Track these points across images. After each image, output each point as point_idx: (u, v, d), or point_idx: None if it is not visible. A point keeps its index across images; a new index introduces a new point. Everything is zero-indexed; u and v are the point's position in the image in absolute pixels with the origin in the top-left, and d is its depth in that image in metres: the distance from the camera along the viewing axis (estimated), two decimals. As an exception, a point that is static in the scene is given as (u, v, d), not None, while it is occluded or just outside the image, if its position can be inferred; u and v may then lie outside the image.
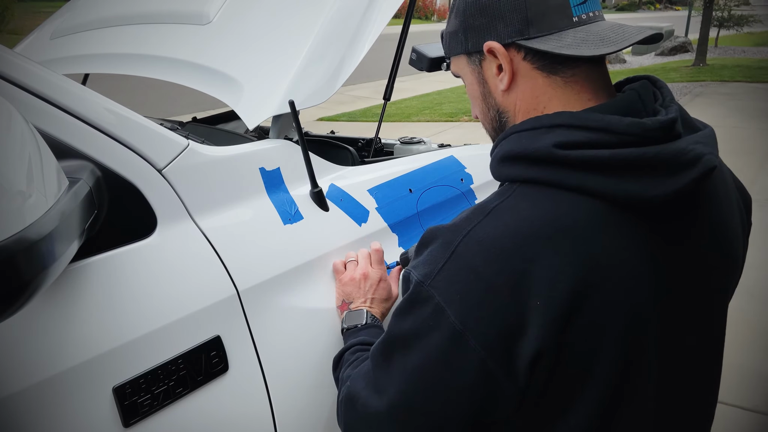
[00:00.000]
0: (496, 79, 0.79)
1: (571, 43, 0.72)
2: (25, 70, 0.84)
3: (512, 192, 0.72)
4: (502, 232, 0.68)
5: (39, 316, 0.77)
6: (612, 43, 0.71)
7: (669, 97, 0.77)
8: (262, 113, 1.20)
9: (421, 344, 0.71)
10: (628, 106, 0.73)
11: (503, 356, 0.67)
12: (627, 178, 0.67)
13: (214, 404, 0.91)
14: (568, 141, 0.69)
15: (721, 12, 14.23)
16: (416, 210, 1.29)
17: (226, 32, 1.38)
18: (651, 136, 0.68)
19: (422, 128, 7.15)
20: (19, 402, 0.73)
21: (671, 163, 0.67)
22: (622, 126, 0.68)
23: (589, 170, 0.68)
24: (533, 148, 0.71)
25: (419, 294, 0.72)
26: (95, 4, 1.76)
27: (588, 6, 0.75)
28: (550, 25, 0.73)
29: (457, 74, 0.88)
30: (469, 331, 0.67)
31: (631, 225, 0.70)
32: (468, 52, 0.82)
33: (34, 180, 0.63)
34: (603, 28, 0.74)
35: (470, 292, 0.68)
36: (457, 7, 0.81)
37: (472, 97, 0.86)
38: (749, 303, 3.06)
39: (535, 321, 0.66)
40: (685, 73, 10.82)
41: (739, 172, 3.84)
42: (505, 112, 0.81)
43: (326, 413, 1.06)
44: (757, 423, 2.21)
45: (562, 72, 0.75)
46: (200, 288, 0.93)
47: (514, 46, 0.76)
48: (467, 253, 0.69)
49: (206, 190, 1.00)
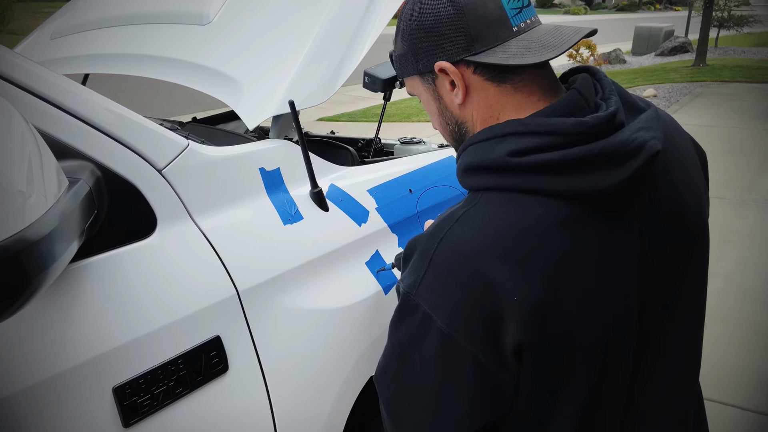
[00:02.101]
0: (451, 94, 0.83)
1: (516, 52, 0.76)
2: (25, 70, 0.84)
3: (478, 199, 0.76)
4: (472, 237, 0.73)
5: (39, 316, 0.77)
6: (553, 48, 0.76)
7: (609, 88, 0.80)
8: (262, 113, 1.20)
9: (417, 351, 0.76)
10: (571, 105, 0.76)
11: (492, 349, 0.72)
12: (579, 174, 0.71)
13: (213, 404, 0.91)
14: (520, 148, 0.73)
15: (721, 12, 14.23)
16: (416, 210, 1.29)
17: (226, 32, 1.38)
18: (595, 132, 0.72)
19: (422, 128, 7.15)
20: (19, 402, 0.74)
21: (617, 155, 0.71)
22: (567, 127, 0.72)
23: (543, 173, 0.72)
24: (489, 159, 0.75)
25: (407, 304, 0.76)
26: (95, 4, 1.76)
27: (524, 14, 0.79)
28: (494, 37, 0.77)
29: (412, 93, 0.92)
30: (457, 333, 0.72)
31: (591, 217, 0.74)
32: (420, 73, 0.85)
33: (34, 180, 0.63)
34: (542, 33, 0.78)
35: (451, 297, 0.72)
36: (402, 31, 0.84)
37: (430, 113, 0.90)
38: (749, 303, 3.06)
39: (513, 316, 0.70)
40: (685, 74, 10.82)
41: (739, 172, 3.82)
42: (463, 123, 0.85)
43: (326, 413, 1.06)
44: (757, 423, 2.21)
45: (511, 79, 0.78)
46: (200, 288, 0.93)
47: (463, 62, 0.79)
48: (443, 259, 0.73)
49: (206, 190, 1.00)
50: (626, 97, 0.82)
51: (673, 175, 0.82)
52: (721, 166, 5.25)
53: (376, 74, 1.45)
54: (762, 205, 4.39)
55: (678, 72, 11.11)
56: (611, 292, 0.75)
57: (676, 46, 14.24)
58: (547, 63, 0.80)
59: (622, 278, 0.75)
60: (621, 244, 0.75)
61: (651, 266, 0.78)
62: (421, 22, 0.80)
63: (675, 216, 0.81)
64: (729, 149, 5.80)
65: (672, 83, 9.90)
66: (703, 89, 9.35)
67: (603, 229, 0.74)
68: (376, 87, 1.46)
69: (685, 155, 0.87)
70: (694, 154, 0.91)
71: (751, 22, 14.54)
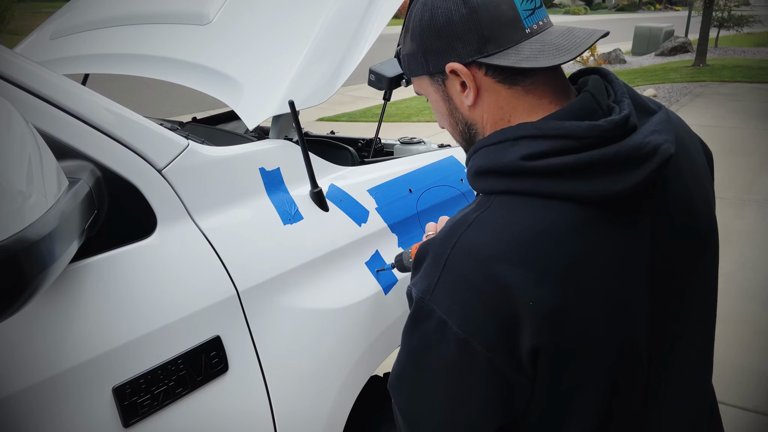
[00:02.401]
0: (461, 95, 0.82)
1: (529, 55, 0.75)
2: (25, 70, 0.84)
3: (490, 203, 0.76)
4: (486, 241, 0.72)
5: (39, 316, 0.77)
6: (567, 51, 0.75)
7: (620, 91, 0.80)
8: (262, 113, 1.20)
9: (432, 357, 0.75)
10: (585, 108, 0.76)
11: (508, 354, 0.71)
12: (593, 178, 0.71)
13: (214, 404, 0.91)
14: (533, 152, 0.73)
15: (721, 12, 14.23)
16: (416, 210, 1.29)
17: (226, 32, 1.38)
18: (609, 135, 0.72)
19: (422, 128, 7.14)
20: (19, 402, 0.74)
21: (631, 159, 0.71)
22: (580, 131, 0.72)
23: (557, 177, 0.72)
24: (502, 162, 0.75)
25: (421, 310, 0.75)
26: (95, 4, 1.76)
27: (537, 16, 0.78)
28: (507, 39, 0.76)
29: (419, 93, 0.91)
30: (473, 337, 0.71)
31: (605, 221, 0.73)
32: (430, 73, 0.84)
33: (34, 180, 0.63)
34: (555, 36, 0.78)
35: (466, 301, 0.72)
36: (412, 30, 0.83)
37: (439, 113, 0.89)
38: (749, 303, 3.06)
39: (528, 320, 0.69)
40: (685, 74, 10.82)
41: (739, 172, 3.82)
42: (473, 125, 0.84)
43: (326, 413, 1.06)
44: (757, 423, 2.21)
45: (523, 82, 0.78)
46: (200, 288, 0.93)
47: (475, 64, 0.78)
48: (457, 264, 0.73)
49: (206, 190, 1.00)
50: (637, 99, 0.81)
51: (684, 176, 0.82)
52: (721, 166, 5.25)
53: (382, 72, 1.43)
54: (762, 205, 4.39)
55: (678, 72, 11.11)
56: (624, 295, 0.74)
57: (676, 46, 14.24)
58: (559, 66, 0.79)
59: (635, 281, 0.75)
60: (634, 247, 0.75)
61: (663, 268, 0.78)
62: (433, 23, 0.79)
63: (686, 216, 0.81)
64: (729, 149, 5.80)
65: (672, 83, 9.90)
66: (703, 89, 9.35)
67: (616, 232, 0.74)
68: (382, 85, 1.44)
69: (695, 156, 0.87)
70: (702, 155, 0.91)
71: (751, 22, 14.55)
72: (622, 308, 0.74)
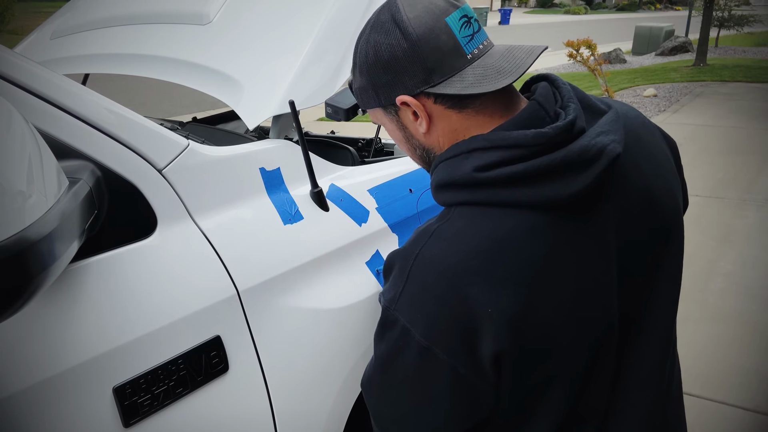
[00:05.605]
0: (415, 124, 0.85)
1: (474, 81, 0.77)
2: (25, 70, 0.84)
3: (450, 214, 0.79)
4: (446, 251, 0.75)
5: (39, 316, 0.77)
6: (508, 74, 0.77)
7: (567, 95, 0.82)
8: (263, 113, 1.20)
9: (398, 363, 0.78)
10: (532, 117, 0.78)
11: (470, 360, 0.74)
12: (544, 184, 0.73)
13: (214, 404, 0.91)
14: (485, 163, 0.75)
15: (722, 12, 14.23)
16: (416, 210, 1.29)
17: (226, 32, 1.38)
18: (556, 141, 0.74)
19: (422, 128, 7.13)
20: (19, 402, 0.74)
21: (578, 162, 0.73)
22: (527, 139, 0.74)
23: (510, 185, 0.74)
24: (457, 175, 0.78)
25: (387, 318, 0.79)
26: (95, 4, 1.76)
27: (476, 40, 0.80)
28: (450, 67, 0.78)
29: (376, 122, 0.93)
30: (435, 345, 0.74)
31: (562, 223, 0.75)
32: (383, 106, 0.86)
33: (34, 180, 0.63)
34: (496, 58, 0.79)
35: (429, 310, 0.74)
36: (360, 66, 0.85)
37: (396, 140, 0.92)
38: (749, 303, 3.06)
39: (489, 327, 0.72)
40: (686, 73, 10.82)
41: (740, 171, 3.83)
42: (430, 149, 0.87)
43: (327, 412, 1.06)
44: (757, 423, 2.21)
45: (472, 104, 0.80)
46: (200, 288, 0.93)
47: (423, 94, 0.81)
48: (420, 275, 0.76)
49: (206, 190, 1.00)
50: (587, 101, 0.84)
51: (643, 171, 0.84)
52: (721, 166, 5.26)
53: (337, 104, 1.45)
54: (762, 205, 4.39)
55: (678, 72, 11.11)
56: (590, 293, 0.76)
57: (676, 45, 14.24)
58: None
59: (599, 279, 0.77)
60: (595, 245, 0.77)
61: (628, 262, 0.80)
62: (378, 59, 0.81)
63: (648, 210, 0.83)
64: (729, 149, 5.79)
65: (672, 83, 9.90)
66: (704, 89, 9.35)
67: (575, 233, 0.76)
68: (339, 117, 1.47)
69: (654, 150, 0.89)
70: (663, 147, 0.93)
71: (751, 21, 14.54)
72: (588, 306, 0.76)
